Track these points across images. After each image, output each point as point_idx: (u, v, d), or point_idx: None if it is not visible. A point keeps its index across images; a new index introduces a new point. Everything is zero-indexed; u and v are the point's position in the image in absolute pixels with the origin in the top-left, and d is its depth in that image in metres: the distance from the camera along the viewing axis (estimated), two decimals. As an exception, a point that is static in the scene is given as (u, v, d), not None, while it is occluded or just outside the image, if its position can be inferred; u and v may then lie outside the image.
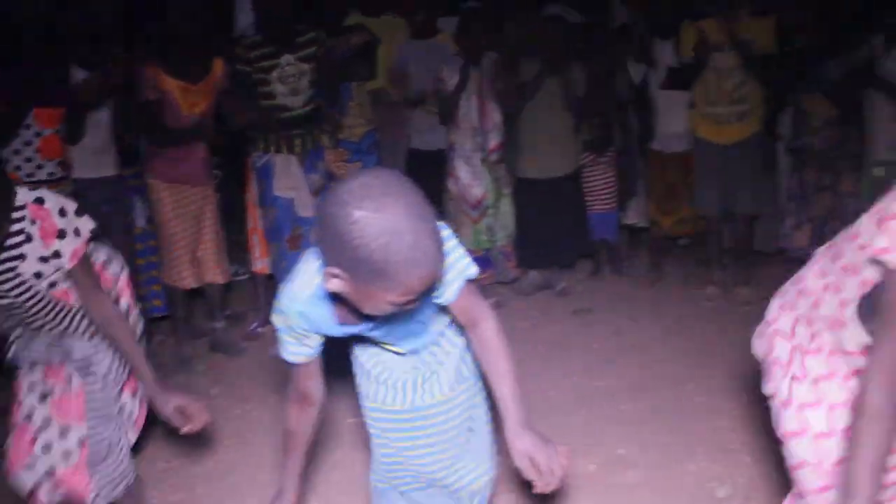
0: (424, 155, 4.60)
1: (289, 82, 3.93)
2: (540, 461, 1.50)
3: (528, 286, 4.62)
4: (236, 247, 4.40)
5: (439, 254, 1.32)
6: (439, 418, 1.85)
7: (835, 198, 4.06)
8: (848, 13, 3.90)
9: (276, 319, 1.61)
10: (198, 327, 4.22)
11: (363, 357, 1.89)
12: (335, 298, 1.50)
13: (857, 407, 1.31)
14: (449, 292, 1.61)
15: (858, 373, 1.41)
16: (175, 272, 3.88)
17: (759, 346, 1.65)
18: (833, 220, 4.01)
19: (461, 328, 1.77)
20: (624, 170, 4.74)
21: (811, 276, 1.54)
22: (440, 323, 1.82)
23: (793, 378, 1.51)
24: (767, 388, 1.60)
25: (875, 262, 1.32)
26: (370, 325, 1.64)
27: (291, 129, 3.89)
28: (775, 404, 1.57)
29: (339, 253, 1.28)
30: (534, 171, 4.46)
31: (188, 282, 3.91)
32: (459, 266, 1.62)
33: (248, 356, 3.97)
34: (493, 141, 4.31)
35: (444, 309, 1.72)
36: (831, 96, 3.91)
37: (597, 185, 4.65)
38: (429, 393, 1.84)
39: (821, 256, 1.55)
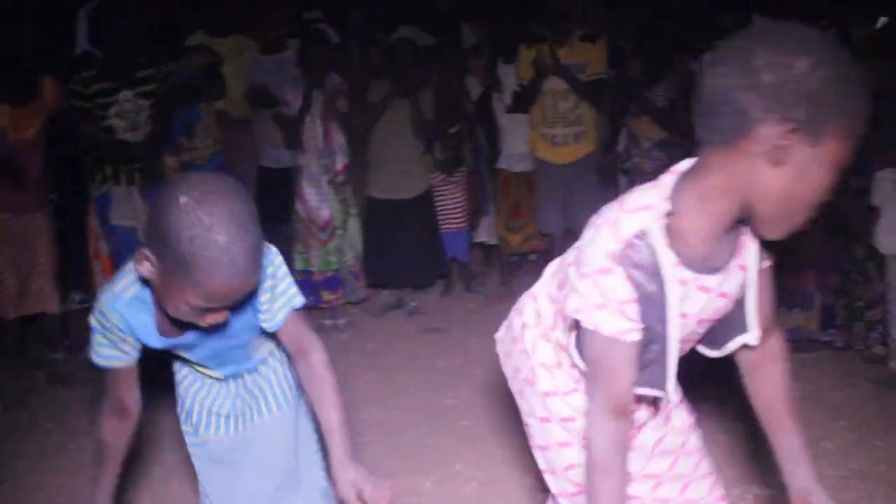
0: (275, 173, 4.58)
1: (127, 117, 3.85)
2: (365, 492, 1.50)
3: (379, 306, 4.66)
4: (83, 274, 4.24)
5: (250, 269, 1.32)
6: (263, 444, 1.84)
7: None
8: (671, 38, 4.15)
9: (92, 320, 1.57)
10: (36, 358, 4.04)
11: (181, 376, 1.87)
12: (158, 306, 1.49)
13: (586, 457, 1.34)
14: (276, 319, 1.61)
15: None
16: (-1, 303, 3.71)
17: (506, 365, 1.69)
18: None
19: (288, 356, 1.78)
20: (475, 189, 4.87)
21: (543, 299, 1.56)
22: (263, 349, 1.82)
23: (545, 394, 1.54)
24: (522, 408, 1.63)
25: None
26: (189, 340, 1.63)
27: (132, 163, 3.82)
28: (533, 421, 1.59)
29: (155, 235, 1.29)
30: (384, 191, 4.51)
31: (11, 312, 3.75)
32: (288, 294, 1.62)
33: (90, 387, 3.82)
34: (340, 162, 4.34)
35: (268, 335, 1.71)
36: (657, 120, 4.15)
37: (448, 205, 4.75)
38: (250, 419, 1.84)
39: (551, 277, 1.57)
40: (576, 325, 1.38)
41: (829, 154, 1.10)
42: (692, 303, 1.30)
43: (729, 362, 1.51)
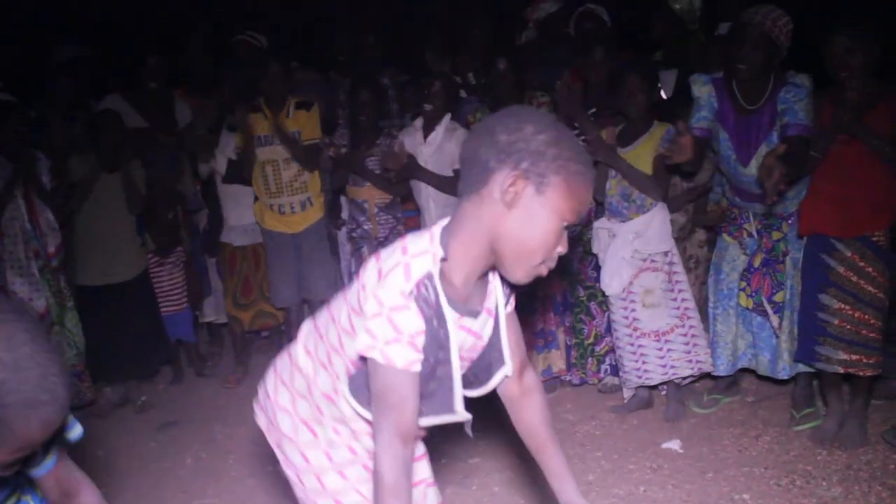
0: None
1: None
2: None
3: (104, 405, 4.17)
4: None
5: (66, 391, 1.09)
6: None
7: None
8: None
9: None
10: None
11: None
12: None
13: (376, 482, 1.43)
14: (47, 458, 1.36)
15: (357, 434, 1.62)
16: None
17: (261, 419, 1.75)
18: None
19: None
20: (195, 271, 4.58)
21: (301, 354, 1.65)
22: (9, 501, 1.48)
23: (306, 445, 1.65)
24: (283, 463, 1.71)
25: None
26: None
27: None
28: (292, 474, 1.69)
29: None
30: (94, 276, 4.11)
31: None
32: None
33: None
34: (52, 245, 3.89)
35: (19, 486, 1.43)
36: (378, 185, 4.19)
37: (164, 286, 4.42)
38: None
39: (306, 334, 1.66)
40: (359, 364, 1.50)
41: (552, 203, 1.35)
42: (459, 340, 1.48)
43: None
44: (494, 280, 1.53)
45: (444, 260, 1.40)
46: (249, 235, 4.48)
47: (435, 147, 3.98)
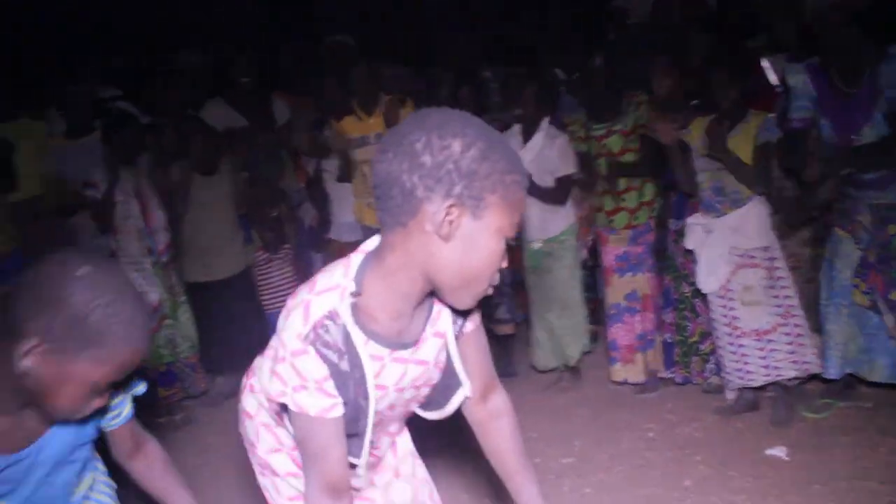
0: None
1: None
2: None
3: (216, 395, 4.35)
4: None
5: (149, 334, 1.31)
6: None
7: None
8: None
9: None
10: None
11: None
12: None
13: None
14: (126, 410, 1.56)
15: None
16: None
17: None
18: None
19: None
20: (302, 267, 4.70)
21: (247, 394, 1.61)
22: (83, 485, 1.59)
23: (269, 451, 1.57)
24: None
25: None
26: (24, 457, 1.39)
27: None
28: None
29: (47, 317, 1.19)
30: (198, 273, 4.29)
31: None
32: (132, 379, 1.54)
33: None
34: (161, 242, 4.09)
35: (87, 466, 1.54)
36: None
37: (274, 282, 4.56)
38: None
39: (258, 370, 1.57)
40: (283, 409, 1.40)
41: (492, 224, 1.19)
42: (389, 375, 1.35)
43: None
44: (439, 304, 1.38)
45: (356, 294, 1.27)
46: (357, 232, 4.54)
47: (534, 153, 3.91)
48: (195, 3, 5.91)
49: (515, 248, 4.27)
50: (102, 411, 1.46)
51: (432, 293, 1.30)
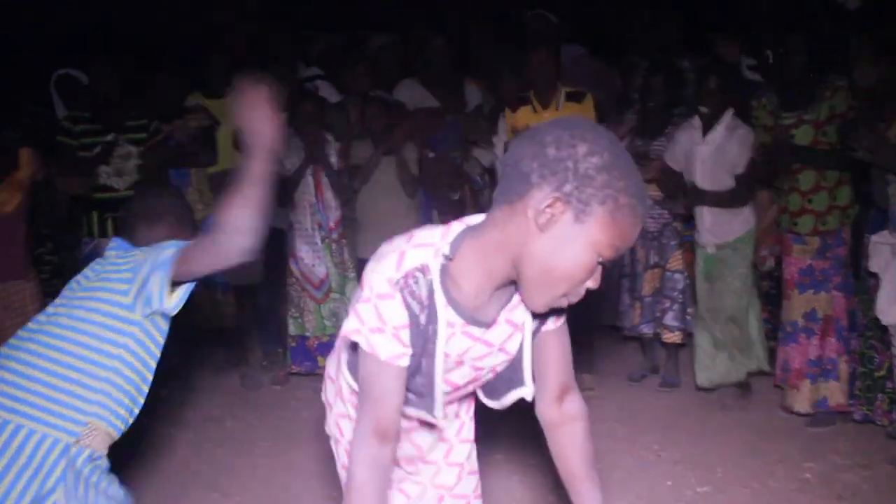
0: (267, 235, 4.48)
1: (113, 162, 3.85)
2: None
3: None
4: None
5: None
6: None
7: (663, 275, 4.00)
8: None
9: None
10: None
11: None
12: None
13: (347, 483, 1.37)
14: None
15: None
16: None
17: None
18: (661, 296, 3.98)
19: None
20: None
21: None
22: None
23: (340, 417, 1.66)
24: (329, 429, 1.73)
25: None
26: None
27: (117, 211, 3.76)
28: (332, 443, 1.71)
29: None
30: (370, 251, 4.34)
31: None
32: None
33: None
34: (333, 219, 4.24)
35: None
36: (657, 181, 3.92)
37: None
38: None
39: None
40: (353, 347, 1.45)
41: (590, 234, 1.19)
42: (455, 345, 1.37)
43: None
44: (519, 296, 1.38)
45: (448, 258, 1.30)
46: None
47: (714, 147, 3.64)
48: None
49: (688, 252, 3.95)
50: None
51: (514, 283, 1.32)
